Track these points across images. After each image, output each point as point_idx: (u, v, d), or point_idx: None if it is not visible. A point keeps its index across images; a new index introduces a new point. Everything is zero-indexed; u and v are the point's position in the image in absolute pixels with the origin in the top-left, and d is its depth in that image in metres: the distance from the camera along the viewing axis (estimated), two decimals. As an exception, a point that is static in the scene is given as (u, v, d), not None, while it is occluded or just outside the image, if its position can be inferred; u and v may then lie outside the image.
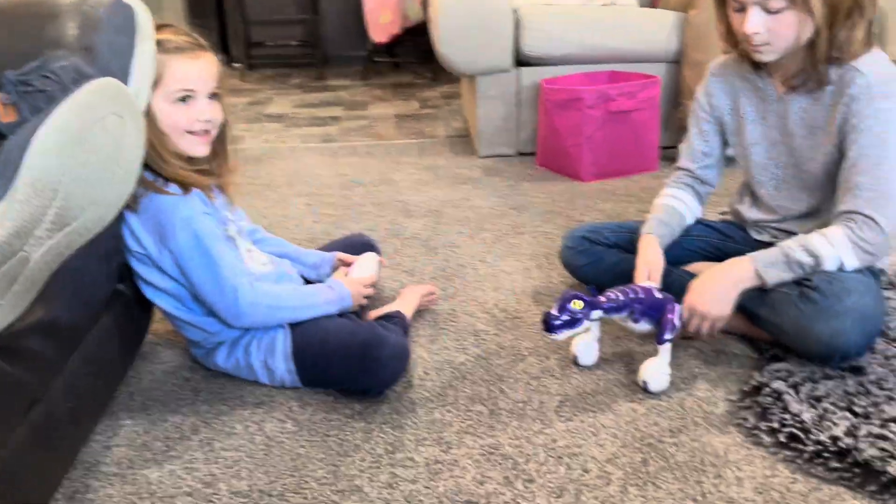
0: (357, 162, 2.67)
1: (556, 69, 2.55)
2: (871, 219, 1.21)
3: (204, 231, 1.18)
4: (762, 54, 1.28)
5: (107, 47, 0.84)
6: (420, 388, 1.27)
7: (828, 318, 1.18)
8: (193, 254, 1.17)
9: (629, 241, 1.50)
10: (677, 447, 1.10)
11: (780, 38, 1.24)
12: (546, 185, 2.33)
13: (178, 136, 1.15)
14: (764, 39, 1.25)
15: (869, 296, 1.20)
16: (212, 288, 1.19)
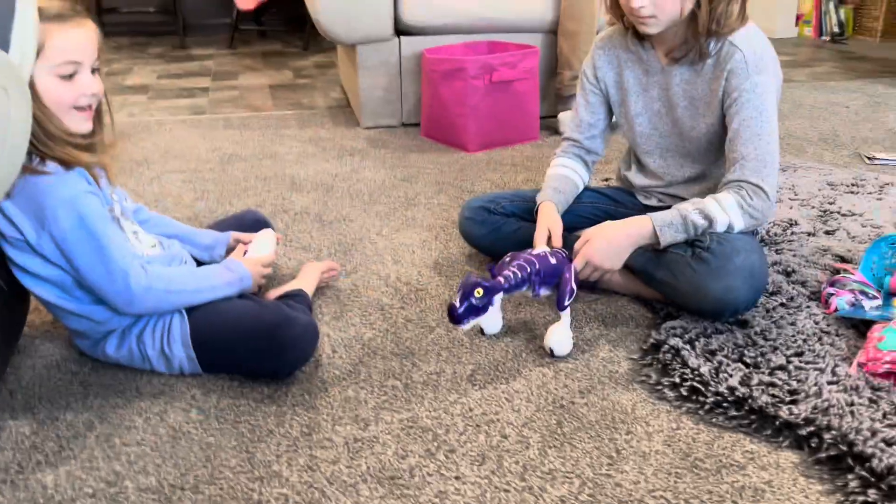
0: (234, 135, 2.55)
1: (436, 39, 2.54)
2: (757, 187, 1.28)
3: (89, 212, 1.08)
4: (647, 26, 1.33)
5: (-19, 11, 0.74)
6: (330, 367, 1.24)
7: (720, 276, 1.25)
8: (78, 236, 1.08)
9: (526, 211, 1.53)
10: (588, 407, 1.14)
11: (665, 11, 1.29)
12: (433, 156, 2.32)
13: (64, 112, 1.05)
14: (650, 12, 1.29)
15: (755, 254, 1.29)
16: (100, 273, 1.10)
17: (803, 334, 1.26)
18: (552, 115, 2.66)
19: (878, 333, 1.18)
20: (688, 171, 1.47)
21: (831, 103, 2.93)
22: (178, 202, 1.94)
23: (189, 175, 2.15)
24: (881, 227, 1.70)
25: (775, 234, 1.67)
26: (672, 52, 1.39)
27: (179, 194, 2.00)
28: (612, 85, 1.50)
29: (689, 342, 1.24)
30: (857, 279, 1.37)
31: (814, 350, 1.22)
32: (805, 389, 1.11)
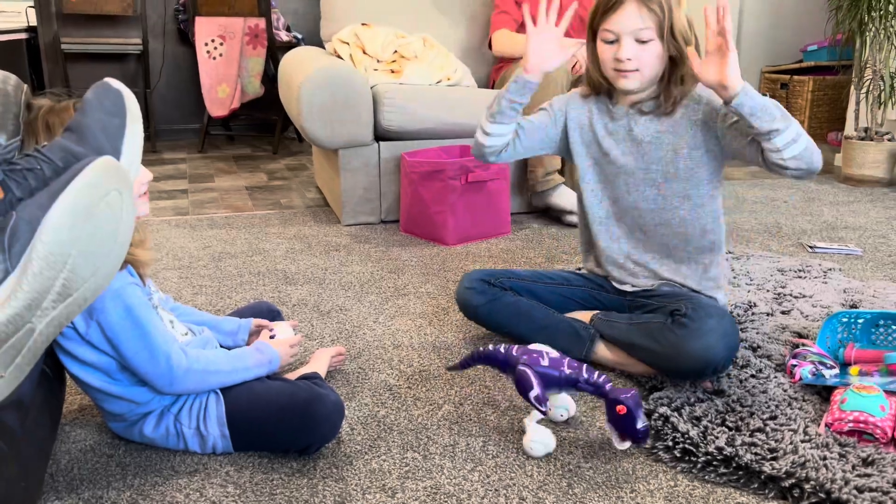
0: (220, 234, 2.67)
1: (413, 143, 2.74)
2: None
3: (135, 302, 1.19)
4: (628, 80, 1.51)
5: (99, 128, 0.87)
6: (351, 443, 1.34)
7: (698, 336, 1.41)
8: (125, 325, 1.18)
9: (521, 288, 1.68)
10: (594, 471, 1.25)
11: (647, 66, 1.49)
12: (415, 250, 2.47)
13: None
14: (634, 66, 1.48)
15: (727, 318, 1.46)
16: (145, 357, 1.19)
17: (775, 400, 1.41)
18: (523, 212, 2.86)
19: (841, 396, 1.34)
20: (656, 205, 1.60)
21: (771, 199, 3.21)
22: (179, 297, 2.03)
23: (184, 272, 2.25)
24: (829, 306, 1.90)
25: (738, 315, 1.85)
26: (639, 104, 1.57)
27: (178, 290, 2.10)
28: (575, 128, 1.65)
29: (676, 410, 1.38)
30: (815, 351, 1.54)
31: (786, 414, 1.37)
32: (783, 447, 1.25)
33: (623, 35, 1.48)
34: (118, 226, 0.82)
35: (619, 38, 1.49)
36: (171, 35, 4.73)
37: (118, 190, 0.82)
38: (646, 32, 1.47)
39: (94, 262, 0.80)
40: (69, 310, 0.80)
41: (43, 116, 1.08)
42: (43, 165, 0.85)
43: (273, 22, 4.39)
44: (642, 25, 1.47)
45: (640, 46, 1.48)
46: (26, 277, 0.75)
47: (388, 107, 2.67)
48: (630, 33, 1.47)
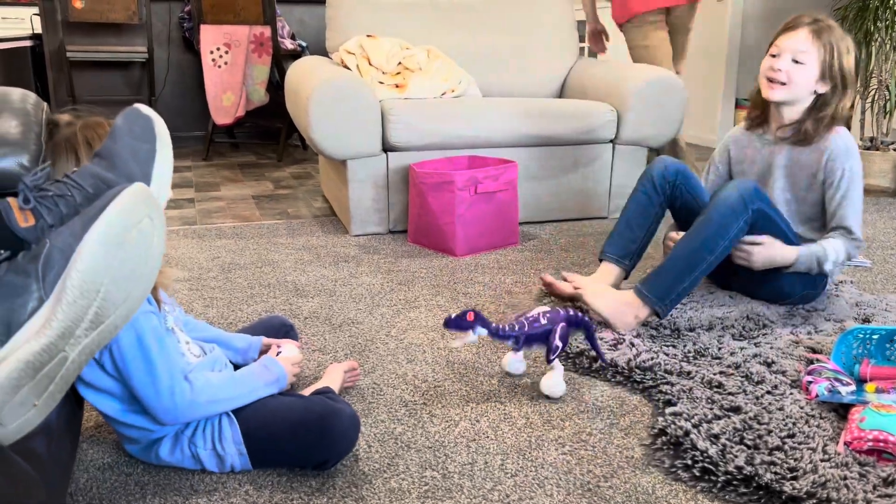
0: (229, 244, 2.67)
1: (420, 154, 2.75)
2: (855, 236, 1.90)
3: (145, 330, 1.17)
4: (774, 91, 1.82)
5: (129, 154, 0.87)
6: (368, 461, 1.33)
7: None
8: (134, 354, 1.16)
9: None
10: (613, 490, 1.25)
11: (795, 83, 1.79)
12: (424, 261, 2.47)
13: None
14: (783, 78, 1.78)
15: None
16: (150, 392, 1.18)
17: (792, 418, 1.41)
18: (531, 222, 2.86)
19: (859, 415, 1.34)
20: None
21: (777, 208, 3.21)
22: (190, 311, 2.03)
23: (194, 283, 2.25)
24: (843, 320, 1.90)
25: (751, 329, 1.85)
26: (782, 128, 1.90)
27: (189, 303, 2.09)
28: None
29: (695, 427, 1.38)
30: (831, 368, 1.54)
31: (803, 432, 1.37)
32: (802, 467, 1.25)
33: (784, 52, 1.81)
34: (149, 252, 0.82)
35: (780, 54, 1.81)
36: (175, 43, 4.75)
37: (150, 217, 0.82)
38: (804, 56, 1.78)
39: (126, 288, 0.80)
40: (101, 337, 0.80)
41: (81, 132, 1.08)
42: (74, 192, 0.85)
43: (278, 30, 4.40)
44: (804, 49, 1.79)
45: (794, 65, 1.79)
46: (60, 306, 0.75)
47: (395, 123, 2.68)
48: (790, 51, 1.79)
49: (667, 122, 2.95)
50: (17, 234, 0.82)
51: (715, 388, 1.55)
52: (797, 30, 1.81)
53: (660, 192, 2.00)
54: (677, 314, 1.91)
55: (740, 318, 1.90)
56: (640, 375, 1.61)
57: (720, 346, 1.75)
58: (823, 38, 1.79)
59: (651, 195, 2.00)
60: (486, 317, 1.52)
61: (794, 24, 1.83)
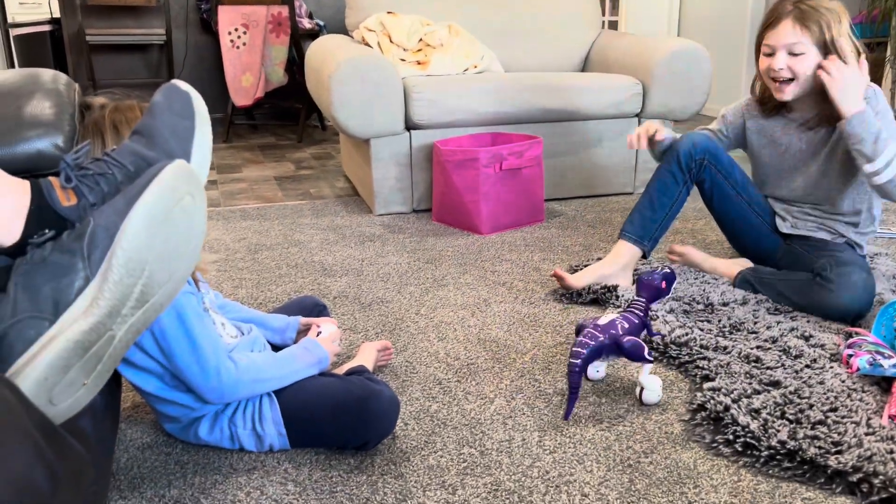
0: (254, 225, 2.67)
1: (444, 132, 2.72)
2: None
3: (188, 312, 1.17)
4: (784, 92, 1.73)
5: (169, 131, 0.86)
6: (406, 438, 1.33)
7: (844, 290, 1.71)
8: (176, 335, 1.16)
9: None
10: (654, 466, 1.24)
11: (802, 75, 1.70)
12: (449, 240, 2.46)
13: None
14: (788, 75, 1.70)
15: (866, 270, 1.75)
16: (195, 370, 1.18)
17: (833, 392, 1.39)
18: (556, 198, 2.84)
19: (904, 387, 1.32)
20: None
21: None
22: (219, 291, 2.03)
23: (222, 265, 2.25)
24: (880, 293, 1.86)
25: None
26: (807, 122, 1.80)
27: (218, 284, 2.09)
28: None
29: (735, 402, 1.36)
30: (871, 341, 1.52)
31: (846, 405, 1.35)
32: (847, 441, 1.23)
33: (777, 48, 1.72)
34: (192, 230, 0.82)
35: (774, 52, 1.72)
36: (193, 24, 4.73)
37: (191, 194, 0.81)
38: (799, 46, 1.69)
39: (170, 266, 0.79)
40: (146, 315, 0.80)
41: (109, 115, 1.07)
42: (114, 170, 0.84)
43: (295, 9, 4.37)
44: (795, 40, 1.69)
45: (793, 58, 1.70)
46: (107, 285, 0.74)
47: (418, 100, 2.65)
48: (784, 47, 1.71)
49: (693, 93, 2.90)
50: (61, 214, 0.81)
51: (753, 362, 1.52)
52: (781, 22, 1.71)
53: (685, 172, 1.91)
54: (710, 289, 1.88)
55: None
56: (675, 351, 1.59)
57: (755, 320, 1.72)
58: (810, 20, 1.68)
59: (676, 174, 1.92)
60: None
61: (775, 18, 1.73)
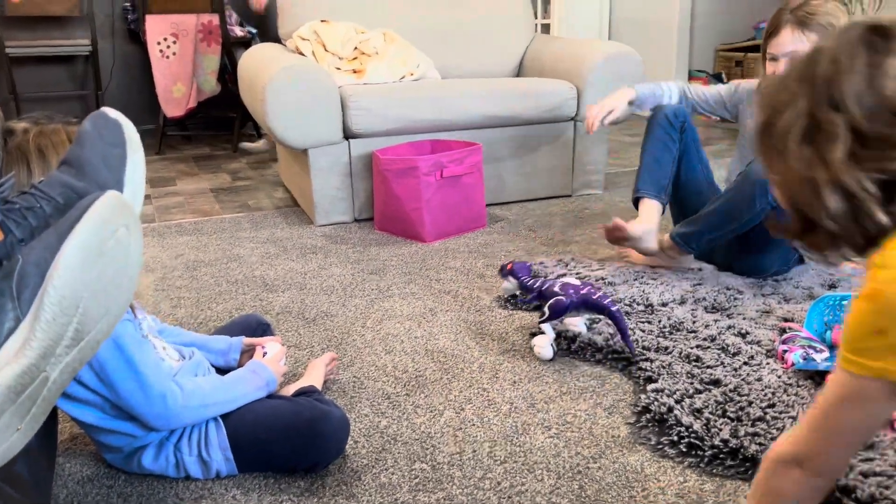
0: (191, 240, 2.61)
1: (383, 140, 2.71)
2: None
3: (125, 340, 1.13)
4: None
5: (99, 160, 0.83)
6: (356, 457, 1.32)
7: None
8: (118, 364, 1.13)
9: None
10: (603, 471, 1.26)
11: None
12: (393, 249, 2.45)
13: None
14: None
15: None
16: (140, 398, 1.15)
17: (770, 388, 1.44)
18: (496, 203, 2.86)
19: (836, 381, 1.37)
20: None
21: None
22: (157, 312, 1.98)
23: (160, 283, 2.19)
24: (811, 287, 1.93)
25: (722, 302, 1.87)
26: None
27: (156, 304, 2.04)
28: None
29: (677, 402, 1.40)
30: (804, 336, 1.57)
31: (783, 401, 1.39)
32: (785, 436, 1.28)
33: (780, 56, 1.74)
34: (128, 262, 0.79)
35: (777, 59, 1.75)
36: (120, 34, 4.60)
37: (126, 225, 0.79)
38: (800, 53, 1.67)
39: (106, 301, 0.77)
40: (83, 353, 0.77)
41: (34, 140, 1.03)
42: (42, 203, 0.81)
43: (226, 18, 4.29)
44: (799, 47, 1.71)
45: None
46: (39, 325, 0.71)
47: (355, 109, 2.63)
48: (785, 54, 1.73)
49: (626, 97, 2.95)
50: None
51: (693, 362, 1.56)
52: (782, 31, 1.76)
53: (675, 128, 2.07)
54: (649, 290, 1.92)
55: (711, 291, 1.92)
56: (618, 353, 1.62)
57: (694, 319, 1.77)
58: (811, 25, 1.72)
59: (669, 130, 2.06)
60: (527, 270, 1.80)
61: (776, 27, 1.77)
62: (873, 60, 0.74)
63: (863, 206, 0.74)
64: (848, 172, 0.74)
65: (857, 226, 0.76)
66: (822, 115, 0.75)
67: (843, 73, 0.75)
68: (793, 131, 0.78)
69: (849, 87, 0.74)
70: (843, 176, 0.74)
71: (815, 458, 0.82)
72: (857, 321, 0.75)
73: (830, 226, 0.77)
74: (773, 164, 0.82)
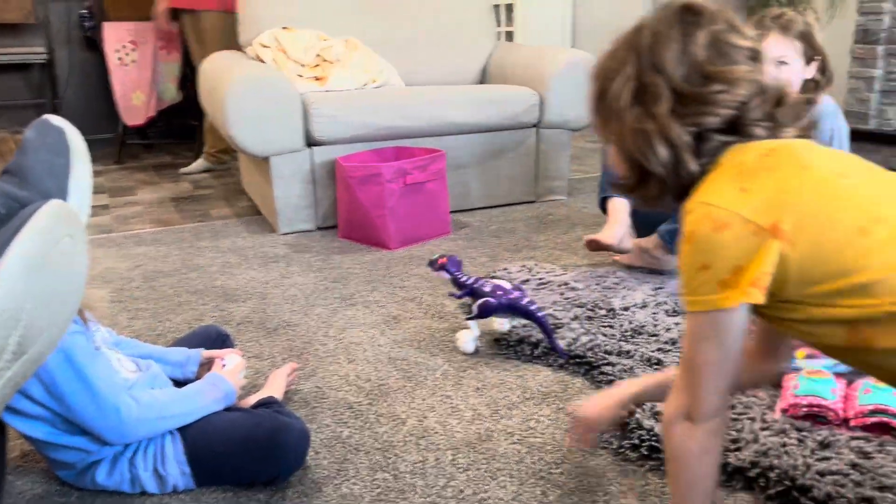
0: (150, 251, 2.56)
1: (346, 147, 2.69)
2: None
3: (76, 351, 1.11)
4: None
5: (43, 168, 0.81)
6: (317, 468, 1.30)
7: None
8: (68, 377, 1.10)
9: None
10: (565, 476, 1.26)
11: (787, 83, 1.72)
12: (357, 256, 2.44)
13: None
14: None
15: None
16: (92, 411, 1.12)
17: (730, 389, 1.45)
18: (460, 210, 2.86)
19: (793, 382, 1.39)
20: None
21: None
22: (114, 325, 1.93)
23: (117, 295, 2.15)
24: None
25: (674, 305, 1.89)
26: None
27: (113, 316, 2.00)
28: None
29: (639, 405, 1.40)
30: (762, 337, 1.59)
31: (742, 402, 1.40)
32: (744, 437, 1.29)
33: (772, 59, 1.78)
34: (73, 272, 0.77)
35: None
36: (77, 42, 4.51)
37: (70, 235, 0.76)
38: (786, 57, 1.79)
39: (50, 313, 0.75)
40: (26, 367, 0.75)
41: None
42: (-18, 213, 0.78)
43: (187, 25, 4.23)
44: (782, 52, 1.79)
45: (780, 66, 1.79)
46: (-22, 339, 0.69)
47: (317, 116, 2.62)
48: (772, 58, 1.77)
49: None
50: (-77, 264, 0.75)
51: (655, 365, 1.57)
52: (768, 36, 1.81)
53: None
54: (611, 294, 1.93)
55: (672, 295, 1.94)
56: (580, 358, 1.62)
57: (655, 322, 1.78)
58: (793, 30, 1.79)
59: None
60: (458, 265, 1.77)
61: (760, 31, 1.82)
62: (687, 31, 0.87)
63: (681, 156, 0.86)
64: (671, 125, 0.86)
65: (677, 174, 0.88)
66: (647, 79, 0.87)
67: (662, 42, 0.87)
68: (623, 94, 0.89)
69: (668, 54, 0.87)
70: (668, 127, 0.86)
71: (696, 404, 0.88)
72: (684, 264, 0.85)
73: (660, 171, 0.88)
74: (610, 125, 0.93)
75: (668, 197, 0.92)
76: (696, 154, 0.87)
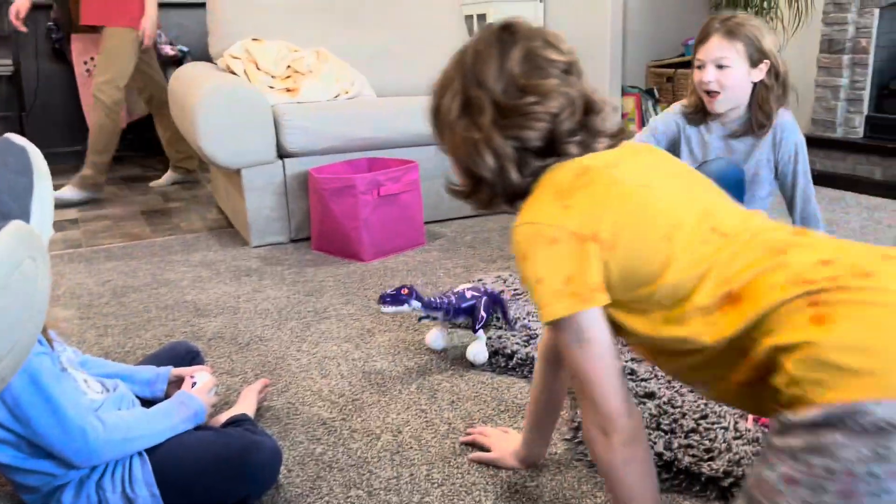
0: (119, 266, 2.52)
1: (318, 158, 2.68)
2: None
3: (41, 372, 1.08)
4: (716, 103, 1.80)
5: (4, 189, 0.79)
6: (290, 486, 1.28)
7: None
8: (33, 400, 1.07)
9: None
10: (541, 489, 1.26)
11: (729, 87, 1.78)
12: (330, 269, 2.42)
13: None
14: (716, 88, 1.78)
15: None
16: (57, 434, 1.09)
17: (703, 399, 1.46)
18: (435, 220, 2.85)
19: (765, 390, 1.40)
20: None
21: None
22: (83, 342, 1.90)
23: (85, 311, 2.11)
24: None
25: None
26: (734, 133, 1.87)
27: (81, 333, 1.96)
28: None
29: (613, 418, 1.40)
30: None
31: (715, 412, 1.41)
32: (717, 447, 1.29)
33: (707, 62, 1.80)
34: (34, 295, 0.75)
35: (704, 65, 1.81)
36: (44, 54, 4.45)
37: (32, 257, 0.75)
38: (726, 60, 1.78)
39: (12, 337, 0.73)
40: (-15, 393, 0.73)
41: None
42: (-60, 235, 0.76)
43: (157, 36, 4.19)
44: (722, 54, 1.78)
45: (720, 71, 1.78)
46: (-66, 366, 0.67)
47: (289, 128, 2.61)
48: (712, 59, 1.79)
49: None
50: None
51: (628, 375, 1.58)
52: (710, 38, 1.81)
53: None
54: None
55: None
56: (555, 369, 1.62)
57: (629, 332, 1.79)
58: (738, 34, 1.78)
59: None
60: (419, 291, 1.71)
61: (706, 34, 1.84)
62: (504, 49, 0.95)
63: (505, 165, 0.94)
64: (494, 136, 0.93)
65: (503, 182, 0.95)
66: (471, 93, 0.96)
67: (483, 59, 0.96)
68: (453, 107, 0.98)
69: (488, 70, 0.95)
70: (492, 138, 0.93)
71: (602, 413, 0.90)
72: (525, 280, 0.90)
73: (489, 177, 0.95)
74: (444, 136, 1.02)
75: (499, 201, 0.99)
76: (519, 168, 0.94)
